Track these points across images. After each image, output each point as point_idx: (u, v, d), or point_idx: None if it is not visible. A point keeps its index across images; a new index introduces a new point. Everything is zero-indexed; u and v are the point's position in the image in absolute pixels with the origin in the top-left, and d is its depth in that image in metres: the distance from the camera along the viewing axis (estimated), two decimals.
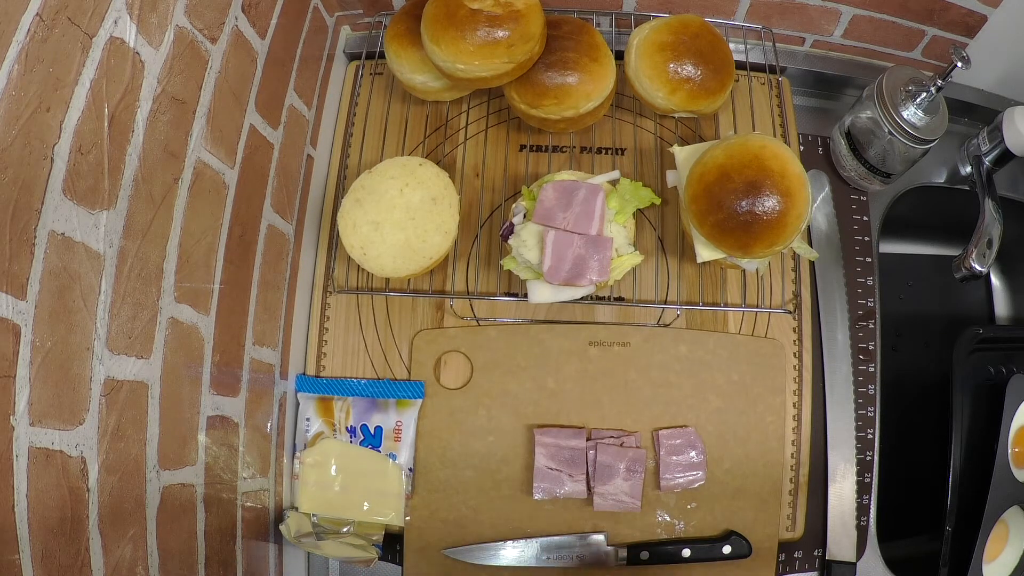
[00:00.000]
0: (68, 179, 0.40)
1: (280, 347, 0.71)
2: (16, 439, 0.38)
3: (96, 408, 0.44)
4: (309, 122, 0.76)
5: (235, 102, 0.59)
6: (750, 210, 0.59)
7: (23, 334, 0.38)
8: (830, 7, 0.76)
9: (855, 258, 0.78)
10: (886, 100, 0.69)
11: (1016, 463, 0.71)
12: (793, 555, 0.70)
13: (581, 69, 0.67)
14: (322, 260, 0.77)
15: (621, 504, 0.68)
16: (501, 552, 0.69)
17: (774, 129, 0.78)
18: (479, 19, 0.62)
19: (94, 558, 0.43)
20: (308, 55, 0.73)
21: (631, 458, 0.69)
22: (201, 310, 0.56)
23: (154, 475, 0.50)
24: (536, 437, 0.70)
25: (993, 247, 0.69)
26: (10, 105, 0.36)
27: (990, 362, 0.78)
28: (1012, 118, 0.73)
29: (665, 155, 0.77)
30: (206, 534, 0.57)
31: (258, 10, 0.61)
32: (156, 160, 0.49)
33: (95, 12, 0.42)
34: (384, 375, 0.74)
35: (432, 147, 0.79)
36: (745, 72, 0.80)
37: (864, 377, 0.74)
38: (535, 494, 0.69)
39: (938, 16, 0.74)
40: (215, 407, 0.58)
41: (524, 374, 0.72)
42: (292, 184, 0.72)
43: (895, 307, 0.91)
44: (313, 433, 0.72)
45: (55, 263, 0.40)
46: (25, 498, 0.38)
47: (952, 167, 0.82)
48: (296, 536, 0.68)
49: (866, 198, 0.80)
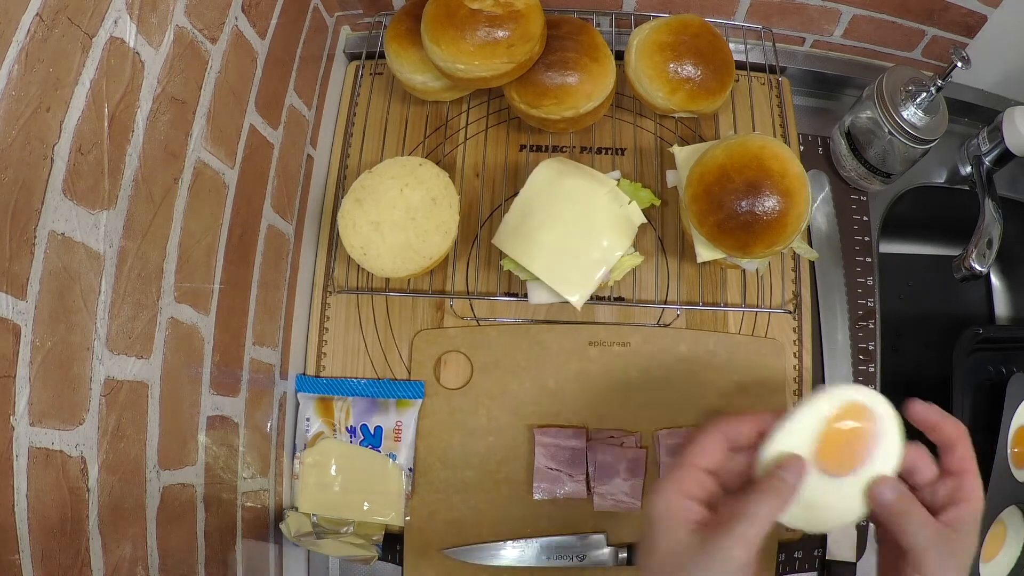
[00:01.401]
0: (68, 179, 0.40)
1: (280, 347, 0.71)
2: (16, 439, 0.38)
3: (96, 408, 0.44)
4: (309, 122, 0.76)
5: (235, 102, 0.59)
6: (750, 210, 0.59)
7: (23, 334, 0.38)
8: (830, 7, 0.76)
9: (855, 258, 0.78)
10: (886, 100, 0.69)
11: (1016, 463, 0.71)
12: (793, 555, 0.70)
13: (581, 69, 0.67)
14: (322, 260, 0.77)
15: (621, 504, 0.68)
16: (501, 552, 0.69)
17: (774, 129, 0.78)
18: (479, 19, 0.62)
19: (94, 558, 0.43)
20: (308, 55, 0.73)
21: (631, 458, 0.69)
22: (201, 310, 0.56)
23: (154, 475, 0.50)
24: (536, 437, 0.70)
25: (993, 247, 0.69)
26: (10, 105, 0.36)
27: (990, 362, 0.78)
28: (1012, 118, 0.73)
29: (665, 155, 0.77)
30: (206, 534, 0.57)
31: (258, 10, 0.61)
32: (156, 160, 0.49)
33: (95, 12, 0.42)
34: (384, 375, 0.74)
35: (432, 147, 0.79)
36: (745, 72, 0.80)
37: (864, 377, 0.74)
38: (535, 494, 0.69)
39: (938, 16, 0.74)
40: (215, 407, 0.58)
41: (524, 374, 0.72)
42: (292, 184, 0.72)
43: (895, 307, 0.91)
44: (313, 433, 0.72)
45: (55, 263, 0.40)
46: (25, 498, 0.38)
47: (952, 167, 0.82)
48: (296, 535, 0.68)
49: (866, 198, 0.80)
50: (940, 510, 0.45)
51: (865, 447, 0.45)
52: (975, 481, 0.46)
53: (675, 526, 0.43)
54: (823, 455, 0.44)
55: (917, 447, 0.47)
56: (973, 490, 0.45)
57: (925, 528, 0.44)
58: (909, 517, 0.45)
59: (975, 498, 0.45)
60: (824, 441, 0.45)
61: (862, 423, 0.45)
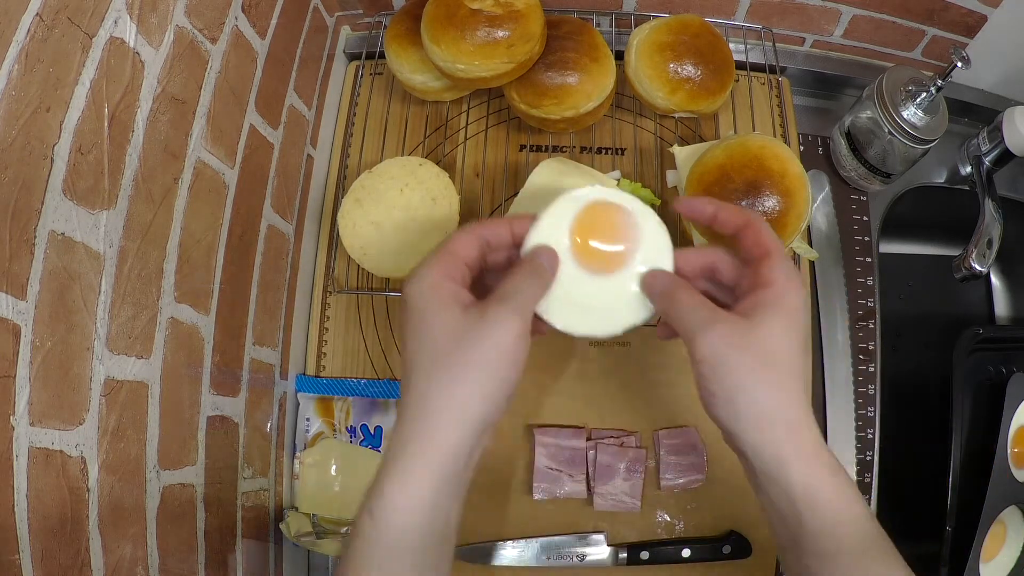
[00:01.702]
0: (68, 179, 0.40)
1: (280, 347, 0.71)
2: (16, 439, 0.38)
3: (96, 408, 0.44)
4: (309, 122, 0.76)
5: (235, 102, 0.59)
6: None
7: (23, 334, 0.38)
8: (830, 7, 0.76)
9: (855, 258, 0.78)
10: (886, 100, 0.69)
11: (1016, 463, 0.71)
12: None
13: (581, 69, 0.67)
14: (322, 260, 0.77)
15: (621, 504, 0.68)
16: (501, 552, 0.69)
17: (774, 129, 0.78)
18: (479, 19, 0.62)
19: (94, 558, 0.43)
20: (308, 55, 0.73)
21: (631, 458, 0.69)
22: (201, 310, 0.56)
23: (154, 475, 0.50)
24: (536, 437, 0.70)
25: (993, 247, 0.69)
26: (10, 105, 0.36)
27: (990, 362, 0.78)
28: (1012, 118, 0.73)
29: (665, 155, 0.77)
30: (206, 534, 0.57)
31: (258, 10, 0.61)
32: (156, 160, 0.49)
33: (95, 12, 0.42)
34: (384, 375, 0.74)
35: (432, 147, 0.79)
36: (745, 72, 0.80)
37: (864, 377, 0.74)
38: (535, 494, 0.69)
39: (938, 16, 0.74)
40: (215, 407, 0.58)
41: (524, 374, 0.72)
42: (292, 184, 0.72)
43: (895, 307, 0.91)
44: (313, 433, 0.72)
45: (55, 263, 0.40)
46: (25, 498, 0.38)
47: (952, 167, 0.82)
48: (296, 535, 0.68)
49: (866, 198, 0.80)
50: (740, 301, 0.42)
51: (621, 242, 0.46)
52: (775, 263, 0.42)
53: (448, 304, 0.42)
54: (582, 253, 0.46)
55: (712, 249, 0.46)
56: (771, 272, 0.42)
57: (695, 311, 0.42)
58: (678, 302, 0.43)
59: (776, 281, 0.42)
60: (578, 237, 0.46)
61: (611, 218, 0.47)
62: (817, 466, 0.40)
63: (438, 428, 0.40)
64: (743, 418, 0.40)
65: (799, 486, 0.39)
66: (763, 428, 0.40)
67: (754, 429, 0.40)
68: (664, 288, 0.45)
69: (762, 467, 0.41)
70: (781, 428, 0.40)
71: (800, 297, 0.42)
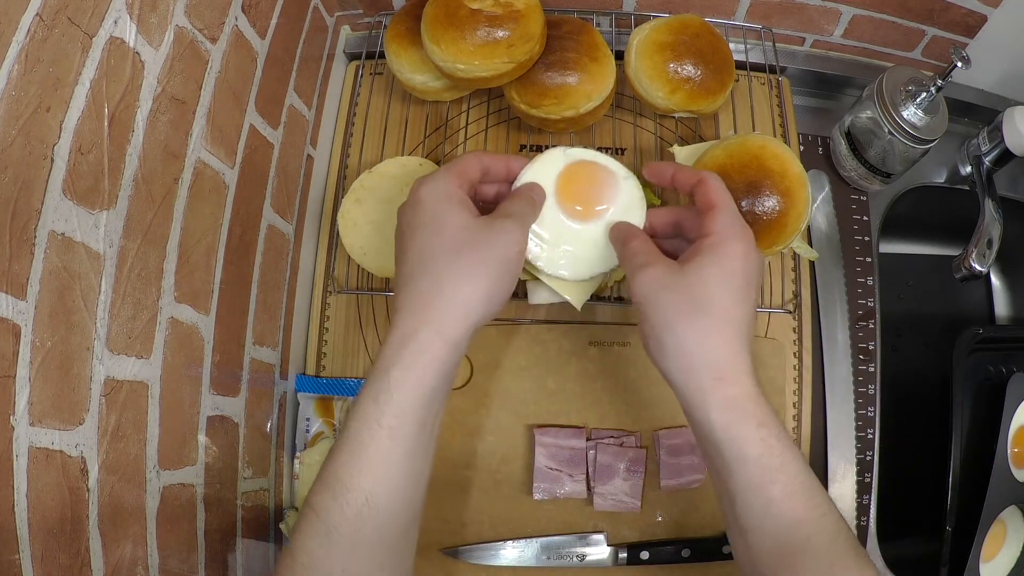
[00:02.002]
0: (68, 179, 0.40)
1: (280, 347, 0.71)
2: (16, 439, 0.38)
3: (96, 408, 0.44)
4: (309, 122, 0.76)
5: (235, 102, 0.59)
6: (750, 210, 0.59)
7: (23, 334, 0.38)
8: (830, 7, 0.76)
9: (855, 258, 0.78)
10: (886, 100, 0.69)
11: (1016, 463, 0.71)
12: None
13: (581, 69, 0.67)
14: (322, 260, 0.77)
15: (621, 504, 0.68)
16: (501, 552, 0.69)
17: (774, 129, 0.78)
18: (479, 19, 0.62)
19: (94, 558, 0.43)
20: (308, 55, 0.73)
21: (631, 458, 0.69)
22: (201, 310, 0.56)
23: (154, 475, 0.50)
24: (536, 437, 0.70)
25: (993, 247, 0.69)
26: (10, 105, 0.36)
27: (990, 362, 0.78)
28: (1012, 118, 0.73)
29: (665, 155, 0.77)
30: (206, 534, 0.57)
31: (258, 10, 0.61)
32: (156, 160, 0.49)
33: (95, 12, 0.42)
34: None
35: (432, 147, 0.79)
36: (745, 72, 0.80)
37: (864, 377, 0.74)
38: (535, 494, 0.69)
39: (938, 16, 0.74)
40: (215, 407, 0.58)
41: (524, 374, 0.72)
42: (292, 184, 0.72)
43: (895, 307, 0.91)
44: (313, 433, 0.72)
45: (55, 263, 0.40)
46: (25, 498, 0.38)
47: (952, 167, 0.82)
48: None
49: (866, 198, 0.80)
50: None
51: (600, 194, 0.52)
52: (717, 214, 0.45)
53: (462, 208, 0.46)
54: (564, 198, 0.52)
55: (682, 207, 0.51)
56: (713, 222, 0.45)
57: (638, 255, 0.45)
58: (627, 247, 0.47)
59: (716, 231, 0.44)
60: (563, 184, 0.53)
61: (594, 174, 0.53)
62: (740, 415, 0.41)
63: (444, 321, 0.42)
64: (670, 356, 0.42)
65: (721, 433, 0.40)
66: (687, 370, 0.42)
67: (679, 370, 0.42)
68: (620, 235, 0.49)
69: (688, 409, 0.42)
70: (705, 374, 0.41)
71: (741, 246, 0.44)
